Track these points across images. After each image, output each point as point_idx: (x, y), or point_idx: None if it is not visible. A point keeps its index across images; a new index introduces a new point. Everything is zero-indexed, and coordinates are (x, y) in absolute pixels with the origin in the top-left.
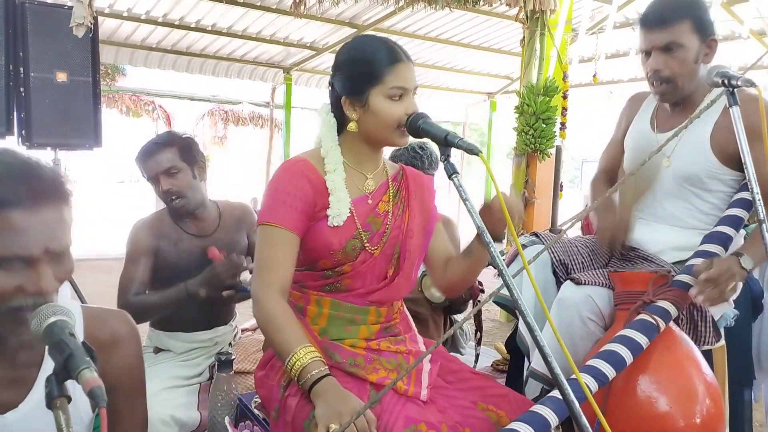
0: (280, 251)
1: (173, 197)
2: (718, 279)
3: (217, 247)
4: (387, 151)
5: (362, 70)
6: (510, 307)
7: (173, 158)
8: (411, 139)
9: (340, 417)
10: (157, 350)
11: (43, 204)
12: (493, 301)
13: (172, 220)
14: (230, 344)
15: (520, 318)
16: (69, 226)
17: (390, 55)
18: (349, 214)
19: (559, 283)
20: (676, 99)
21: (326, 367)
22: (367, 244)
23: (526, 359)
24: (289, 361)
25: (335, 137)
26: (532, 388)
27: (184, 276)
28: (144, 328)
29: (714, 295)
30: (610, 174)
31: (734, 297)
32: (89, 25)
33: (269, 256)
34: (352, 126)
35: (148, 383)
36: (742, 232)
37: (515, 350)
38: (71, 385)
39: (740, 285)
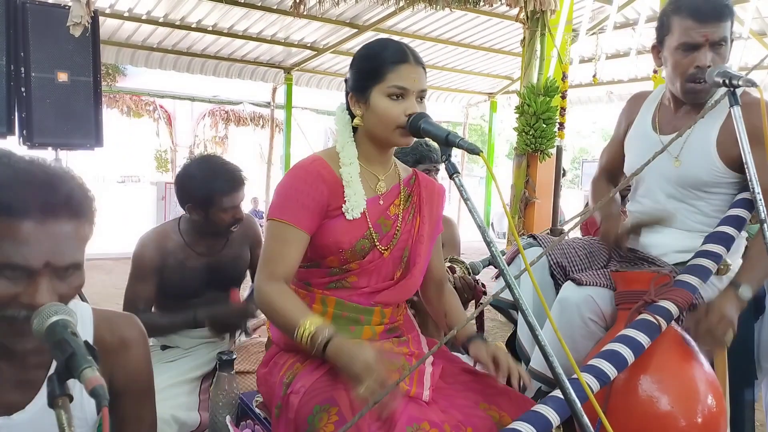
0: (287, 247)
1: (237, 224)
2: (714, 330)
3: (222, 264)
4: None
5: (367, 67)
6: (506, 309)
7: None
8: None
9: (358, 378)
10: (164, 347)
11: (52, 217)
12: (491, 305)
13: (181, 238)
14: (235, 341)
15: (519, 323)
16: (82, 242)
17: (396, 54)
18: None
19: (556, 285)
20: (703, 99)
21: (331, 329)
22: (378, 244)
23: (525, 366)
24: (296, 335)
25: (350, 133)
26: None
27: (190, 293)
28: None
29: (709, 345)
30: (610, 173)
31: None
32: (86, 24)
33: (276, 250)
34: (357, 121)
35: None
36: (743, 233)
37: (516, 350)
38: (79, 389)
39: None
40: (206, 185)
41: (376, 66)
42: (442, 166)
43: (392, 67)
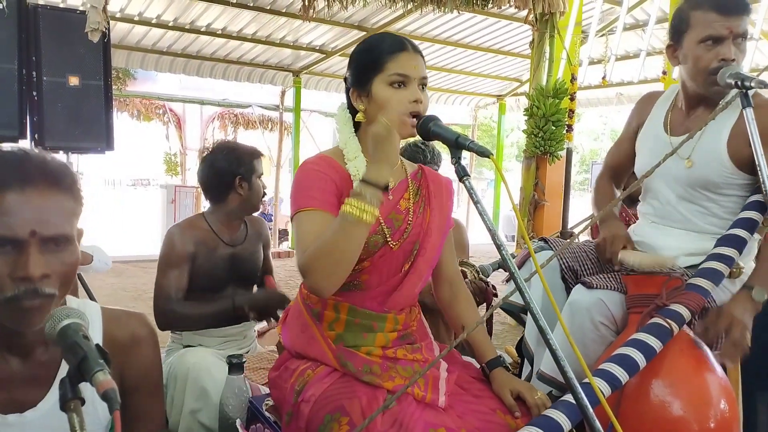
0: (319, 228)
1: (264, 194)
2: (730, 336)
3: (244, 256)
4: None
5: (366, 59)
6: (516, 313)
7: None
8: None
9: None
10: (186, 347)
11: (30, 187)
12: (500, 308)
13: (209, 227)
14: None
15: (527, 324)
16: (70, 215)
17: (394, 44)
18: None
19: (567, 289)
20: (721, 96)
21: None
22: (390, 239)
23: (528, 365)
24: (351, 215)
25: (352, 130)
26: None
27: (216, 282)
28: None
29: (731, 352)
30: (615, 171)
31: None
32: (104, 30)
33: (308, 232)
34: (360, 116)
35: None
36: (756, 236)
37: (525, 354)
38: (91, 387)
39: (750, 324)
40: (250, 151)
41: (375, 57)
42: (442, 168)
43: (391, 57)
